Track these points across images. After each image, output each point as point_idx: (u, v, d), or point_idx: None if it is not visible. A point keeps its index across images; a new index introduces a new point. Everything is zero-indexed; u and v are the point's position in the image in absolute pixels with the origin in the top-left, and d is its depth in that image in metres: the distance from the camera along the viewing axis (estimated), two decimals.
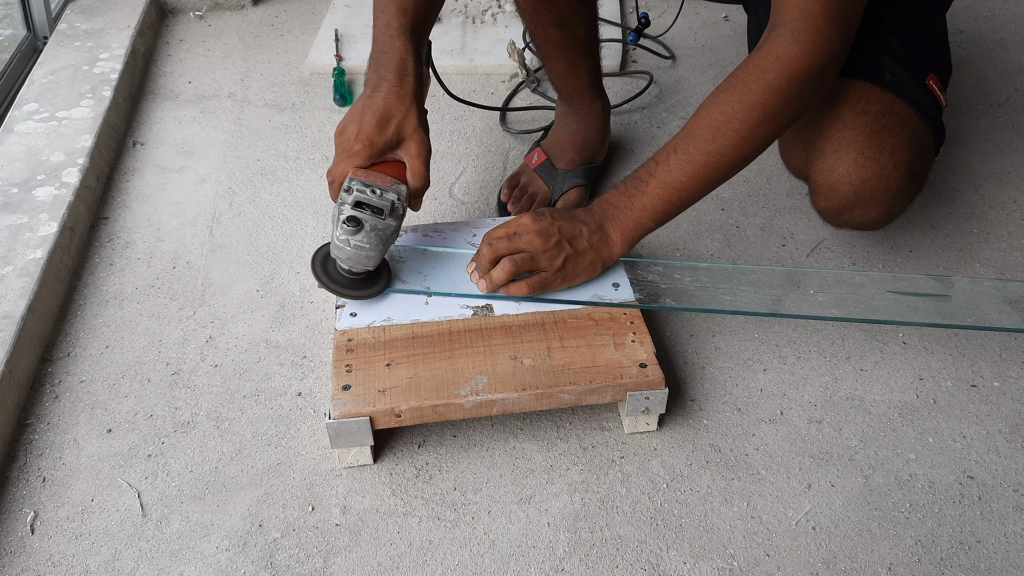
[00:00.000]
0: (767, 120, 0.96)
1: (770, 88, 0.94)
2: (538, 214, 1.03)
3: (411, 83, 0.98)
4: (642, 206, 1.02)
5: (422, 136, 0.99)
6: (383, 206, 0.97)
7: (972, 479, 0.99)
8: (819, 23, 0.93)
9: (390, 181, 0.99)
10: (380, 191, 0.97)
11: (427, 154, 1.00)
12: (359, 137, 0.98)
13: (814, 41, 0.93)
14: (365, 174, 0.98)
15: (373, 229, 0.96)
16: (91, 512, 0.95)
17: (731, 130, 0.96)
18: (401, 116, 0.98)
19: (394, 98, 0.98)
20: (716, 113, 0.97)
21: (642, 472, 0.99)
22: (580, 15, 1.21)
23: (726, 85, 0.98)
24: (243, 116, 1.55)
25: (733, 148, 0.97)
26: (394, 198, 0.98)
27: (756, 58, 0.96)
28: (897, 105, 1.08)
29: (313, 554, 0.91)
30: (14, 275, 1.12)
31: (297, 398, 1.07)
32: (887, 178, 1.05)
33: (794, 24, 0.94)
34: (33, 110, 1.43)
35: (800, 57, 0.94)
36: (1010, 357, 1.12)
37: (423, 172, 1.00)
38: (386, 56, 1.00)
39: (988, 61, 1.71)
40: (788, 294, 1.07)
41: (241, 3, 1.88)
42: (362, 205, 0.97)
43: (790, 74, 0.94)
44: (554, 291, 1.04)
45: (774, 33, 0.96)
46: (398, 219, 0.99)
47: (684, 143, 0.99)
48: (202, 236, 1.30)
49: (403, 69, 0.99)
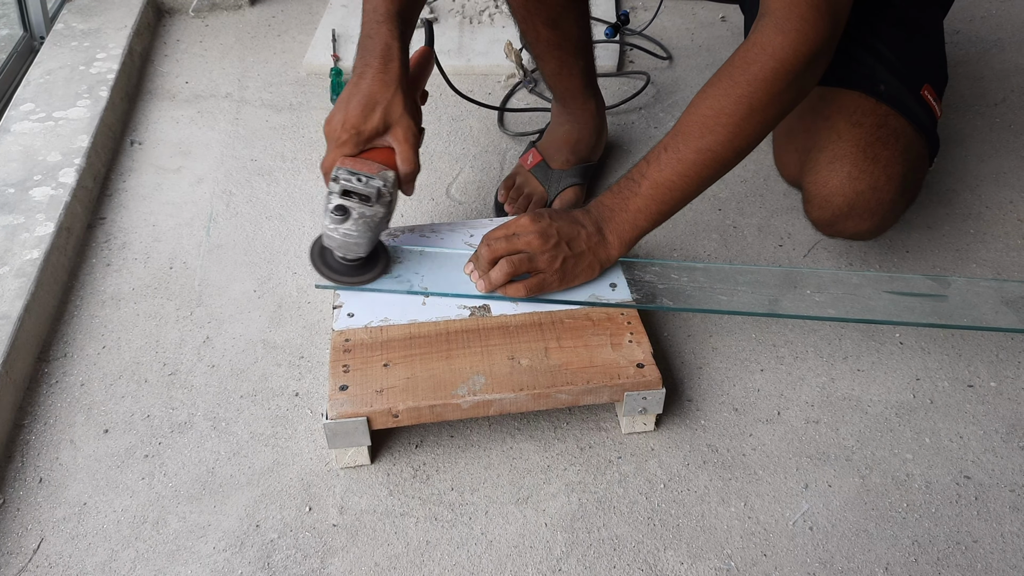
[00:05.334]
0: (755, 113, 0.94)
1: (756, 80, 0.93)
2: (537, 215, 1.03)
3: (396, 68, 0.98)
4: (636, 208, 1.01)
5: (408, 121, 0.99)
6: (369, 193, 0.98)
7: (969, 479, 0.99)
8: (804, 11, 0.91)
9: (377, 168, 0.99)
10: (366, 178, 0.98)
11: (415, 138, 1.00)
12: (345, 126, 0.98)
13: (799, 29, 0.91)
14: (352, 162, 0.99)
15: (361, 216, 0.98)
16: (88, 513, 0.94)
17: (720, 125, 0.95)
18: (387, 102, 0.98)
19: (379, 84, 0.98)
20: (704, 109, 0.96)
21: (639, 472, 0.99)
22: (571, 14, 1.21)
23: (714, 79, 0.96)
24: (240, 116, 1.55)
25: (723, 144, 0.96)
26: (380, 184, 0.98)
27: (742, 50, 0.95)
28: (891, 117, 1.08)
29: (310, 554, 0.91)
30: (11, 276, 1.12)
31: (294, 398, 1.06)
32: (880, 191, 1.04)
33: (779, 13, 0.92)
34: (30, 110, 1.43)
35: (785, 47, 0.92)
36: (1007, 357, 1.12)
37: (411, 156, 1.00)
38: (372, 42, 1.00)
39: (984, 62, 1.71)
40: (785, 294, 1.07)
41: (238, 3, 1.88)
42: (349, 193, 0.98)
43: (775, 65, 0.92)
44: (552, 292, 1.04)
45: (760, 23, 0.94)
46: (385, 205, 0.99)
47: (674, 141, 0.98)
48: (199, 236, 1.29)
49: (388, 54, 0.98)
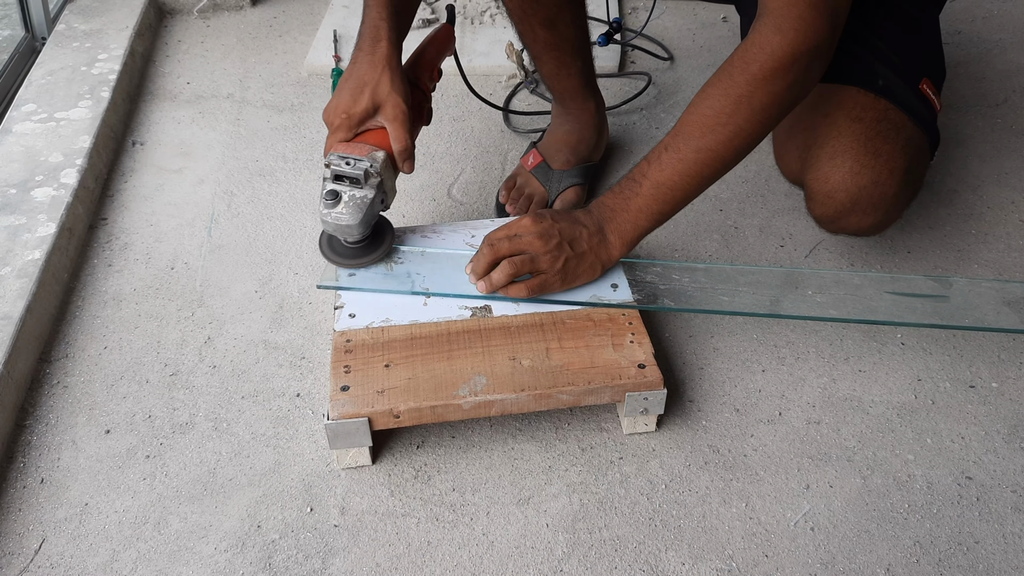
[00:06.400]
0: (755, 113, 0.94)
1: (755, 80, 0.93)
2: (539, 216, 1.03)
3: (384, 48, 0.99)
4: (638, 208, 1.02)
5: (396, 99, 1.00)
6: (357, 175, 0.99)
7: (970, 480, 0.99)
8: (801, 10, 0.91)
9: (368, 149, 1.01)
10: (355, 160, 1.00)
11: (404, 116, 1.01)
12: (337, 111, 1.01)
13: (797, 29, 0.91)
14: (345, 147, 1.01)
15: (351, 199, 1.00)
16: (89, 513, 0.94)
17: (719, 125, 0.95)
18: (374, 83, 0.99)
19: (366, 66, 0.99)
20: (704, 108, 0.96)
21: (641, 473, 0.99)
22: (568, 15, 1.21)
23: (713, 79, 0.96)
24: (242, 117, 1.55)
25: (723, 144, 0.96)
26: (367, 165, 1.00)
27: (741, 50, 0.95)
28: (891, 111, 1.08)
29: (312, 555, 0.91)
30: (12, 276, 1.12)
31: (295, 399, 1.06)
32: (883, 185, 1.04)
33: (777, 12, 0.92)
34: (31, 111, 1.43)
35: (783, 46, 0.92)
36: (1008, 358, 1.12)
37: (401, 134, 1.01)
38: (363, 26, 1.02)
39: (986, 62, 1.71)
40: (787, 295, 1.07)
41: (240, 4, 1.88)
42: (340, 177, 1.00)
43: (774, 64, 0.92)
44: (553, 293, 1.04)
45: (758, 23, 0.94)
46: (375, 187, 1.01)
47: (675, 141, 0.99)
48: (200, 237, 1.29)
49: (376, 36, 1.00)
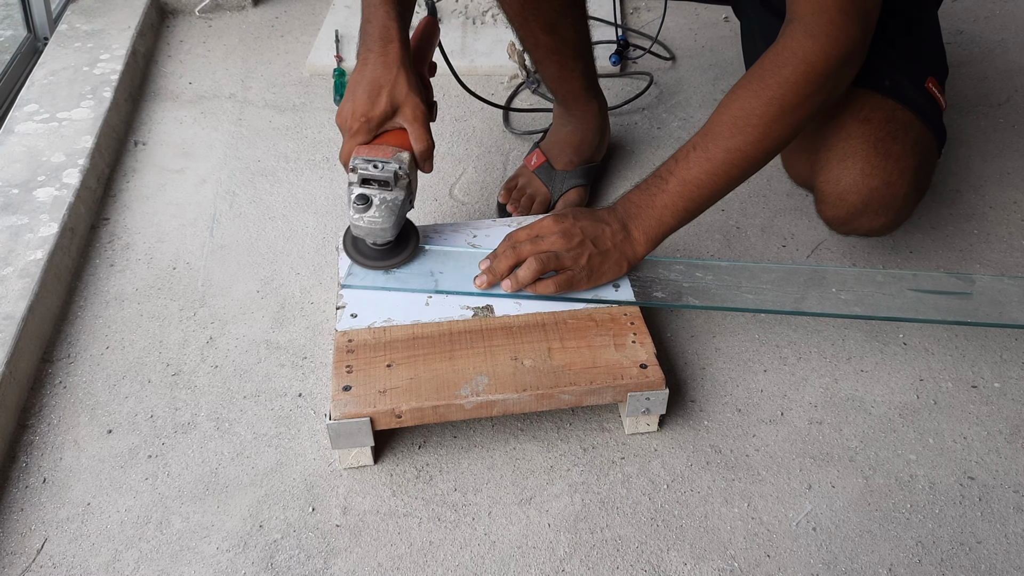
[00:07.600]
0: (785, 115, 0.96)
1: (787, 83, 0.94)
2: (560, 216, 1.03)
3: (396, 48, 0.99)
4: (663, 204, 1.02)
5: (415, 99, 1.00)
6: (387, 178, 0.99)
7: (973, 480, 0.99)
8: (832, 15, 0.92)
9: (391, 151, 1.00)
10: (382, 164, 0.99)
11: (424, 115, 1.01)
12: (355, 115, 0.99)
13: (828, 34, 0.93)
14: (368, 150, 1.00)
15: (383, 202, 0.99)
16: (91, 513, 0.95)
17: (749, 126, 0.96)
18: (390, 84, 0.98)
19: (380, 67, 0.98)
20: (734, 109, 0.97)
21: (642, 473, 0.99)
22: (568, 19, 1.20)
23: (744, 81, 0.98)
24: (243, 117, 1.55)
25: (752, 144, 0.97)
26: (396, 167, 0.99)
27: (772, 53, 0.96)
28: (899, 111, 1.08)
29: (313, 555, 0.91)
30: (14, 276, 1.12)
31: (297, 399, 1.07)
32: (894, 185, 1.05)
33: (807, 18, 0.94)
34: (33, 111, 1.43)
35: (815, 51, 0.93)
36: (1011, 358, 1.12)
37: (422, 134, 1.01)
38: (370, 26, 1.00)
39: (988, 62, 1.71)
40: (811, 292, 1.07)
41: (241, 4, 1.88)
42: (368, 181, 0.99)
43: (806, 68, 0.93)
44: (581, 291, 1.04)
45: (789, 28, 0.95)
46: (404, 188, 1.01)
47: (703, 140, 0.99)
48: (202, 237, 1.30)
49: (386, 36, 0.99)
